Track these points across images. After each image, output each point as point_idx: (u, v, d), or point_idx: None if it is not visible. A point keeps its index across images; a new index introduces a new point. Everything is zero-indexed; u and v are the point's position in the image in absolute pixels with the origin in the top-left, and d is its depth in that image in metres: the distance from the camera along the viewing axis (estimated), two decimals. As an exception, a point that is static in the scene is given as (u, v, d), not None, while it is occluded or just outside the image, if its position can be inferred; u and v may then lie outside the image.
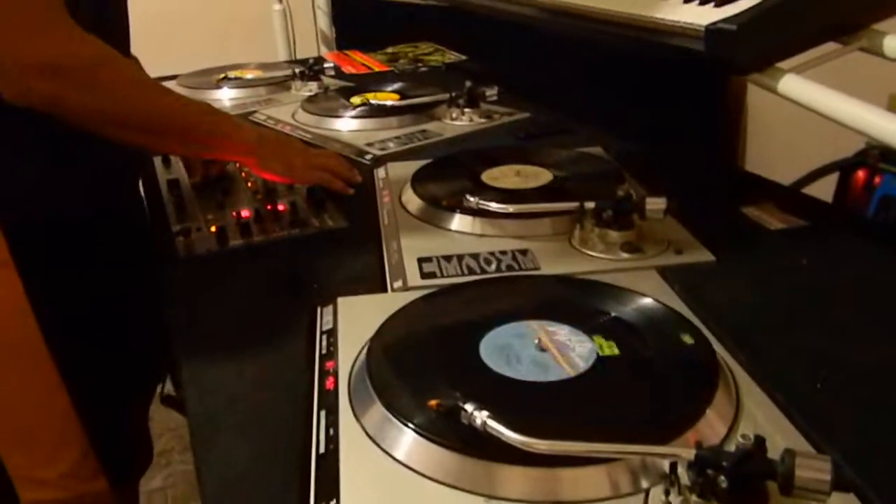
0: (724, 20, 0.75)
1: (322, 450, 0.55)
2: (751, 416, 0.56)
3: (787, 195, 0.98)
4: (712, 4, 0.81)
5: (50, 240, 0.85)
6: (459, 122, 1.33)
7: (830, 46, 0.82)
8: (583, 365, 0.60)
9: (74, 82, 0.78)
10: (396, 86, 1.50)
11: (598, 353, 0.61)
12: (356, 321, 0.71)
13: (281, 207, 0.99)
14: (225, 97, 1.55)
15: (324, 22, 2.41)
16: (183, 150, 1.04)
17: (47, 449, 0.91)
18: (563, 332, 0.65)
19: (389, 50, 1.98)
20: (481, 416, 0.51)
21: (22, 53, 0.75)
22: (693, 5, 0.83)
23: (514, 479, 0.51)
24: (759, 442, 0.46)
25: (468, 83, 1.35)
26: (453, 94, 1.35)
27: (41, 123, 0.78)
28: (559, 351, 0.62)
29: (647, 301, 0.69)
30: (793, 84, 0.73)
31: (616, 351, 0.62)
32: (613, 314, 0.68)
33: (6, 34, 0.75)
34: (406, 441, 0.54)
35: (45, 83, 0.77)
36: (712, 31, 0.76)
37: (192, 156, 1.09)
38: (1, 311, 0.84)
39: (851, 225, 0.92)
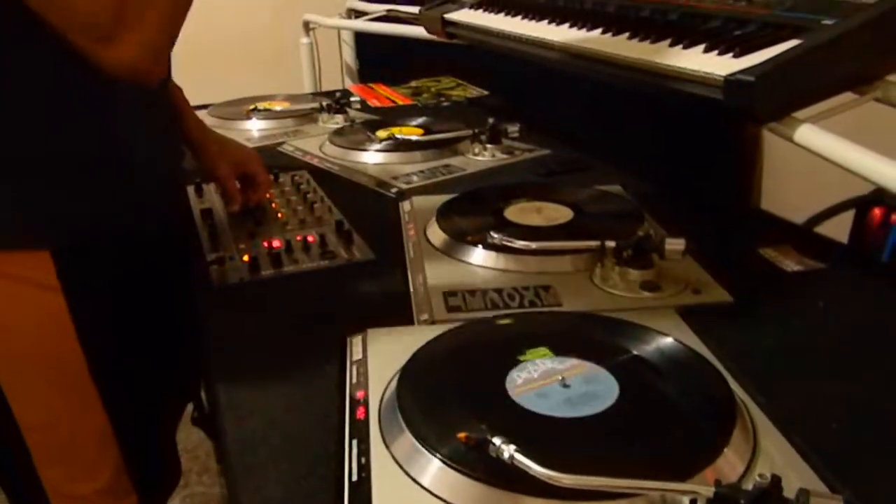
0: (743, 71, 0.79)
1: (355, 478, 0.58)
2: (767, 456, 0.58)
3: (804, 237, 1.00)
4: (731, 55, 0.84)
5: (94, 264, 0.88)
6: (482, 157, 1.36)
7: (847, 96, 0.85)
8: (605, 402, 0.63)
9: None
10: (420, 120, 1.54)
11: (618, 391, 0.64)
12: (385, 353, 0.74)
13: (310, 238, 1.03)
14: (254, 128, 1.59)
15: (349, 55, 2.47)
16: None
17: (84, 465, 0.94)
18: (586, 369, 0.67)
19: (413, 84, 2.03)
20: (509, 450, 0.54)
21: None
22: (713, 55, 0.86)
23: (538, 510, 0.53)
24: (776, 481, 0.49)
25: (491, 120, 1.39)
26: (476, 131, 1.38)
27: (89, 150, 0.81)
28: (582, 388, 0.65)
29: (668, 340, 0.72)
30: (808, 134, 0.76)
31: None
32: (635, 352, 0.70)
33: None
34: (434, 470, 0.57)
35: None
36: (731, 81, 0.79)
37: None
38: (47, 332, 0.87)
39: (868, 267, 0.94)
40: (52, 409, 0.90)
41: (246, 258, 0.98)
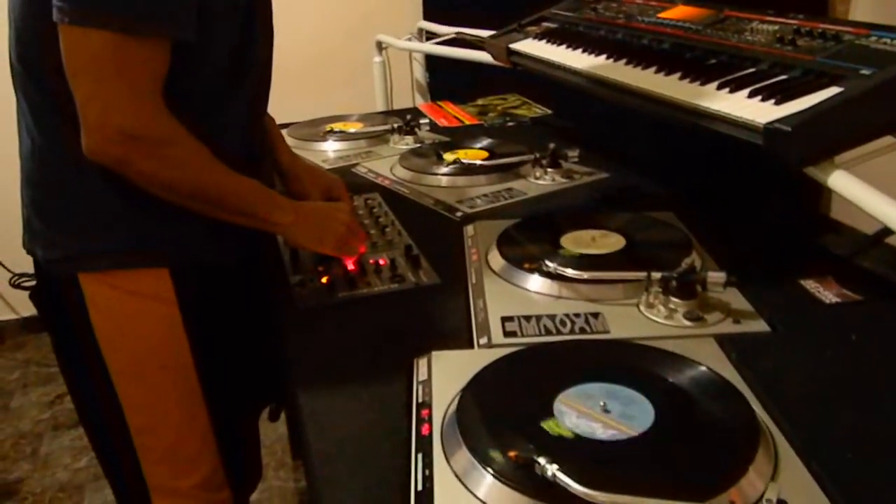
0: (781, 120, 0.85)
1: (420, 487, 0.67)
2: (785, 480, 0.65)
3: (846, 267, 1.05)
4: (773, 101, 0.90)
5: (204, 280, 1.00)
6: (542, 181, 1.44)
7: (887, 140, 0.90)
8: (641, 426, 0.71)
9: (145, 152, 0.89)
10: (485, 143, 1.62)
11: (653, 416, 0.72)
12: (448, 374, 0.83)
13: (382, 262, 1.13)
14: (330, 149, 1.71)
15: (419, 73, 2.58)
16: (229, 219, 1.05)
17: (186, 462, 1.07)
18: (626, 395, 0.75)
19: (479, 102, 2.12)
20: (552, 469, 0.63)
21: (109, 115, 0.86)
22: (755, 100, 0.93)
23: (577, 522, 0.62)
24: (782, 505, 0.56)
25: (552, 145, 1.46)
26: (537, 155, 1.46)
27: None
28: (621, 412, 0.73)
29: (703, 369, 0.79)
30: (841, 181, 0.82)
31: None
32: (671, 380, 0.78)
33: (102, 95, 0.85)
34: (487, 484, 0.66)
35: (120, 147, 0.87)
36: (770, 129, 0.85)
37: (236, 224, 1.10)
38: (165, 342, 1.00)
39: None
40: (162, 412, 1.03)
41: (324, 280, 1.09)
